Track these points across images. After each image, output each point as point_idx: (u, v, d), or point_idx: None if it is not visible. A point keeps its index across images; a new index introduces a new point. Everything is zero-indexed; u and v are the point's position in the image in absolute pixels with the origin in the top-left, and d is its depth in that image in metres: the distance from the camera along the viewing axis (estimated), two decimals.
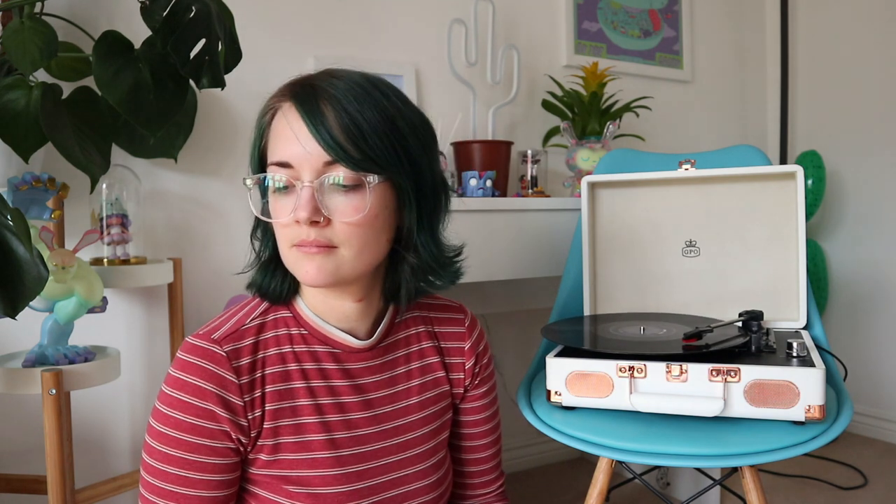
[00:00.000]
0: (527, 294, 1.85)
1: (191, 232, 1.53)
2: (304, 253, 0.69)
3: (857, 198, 2.36)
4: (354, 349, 0.78)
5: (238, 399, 0.70)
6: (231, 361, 0.70)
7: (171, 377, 0.70)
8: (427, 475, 0.80)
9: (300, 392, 0.74)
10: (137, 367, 1.49)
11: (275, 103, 0.72)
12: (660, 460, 0.91)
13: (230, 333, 0.73)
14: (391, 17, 1.79)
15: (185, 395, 0.69)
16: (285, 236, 0.70)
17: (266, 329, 0.75)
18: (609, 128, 1.73)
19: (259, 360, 0.73)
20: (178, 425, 0.69)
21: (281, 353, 0.74)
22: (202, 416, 0.69)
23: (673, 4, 2.32)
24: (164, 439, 0.69)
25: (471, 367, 0.87)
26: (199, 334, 0.72)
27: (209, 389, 0.69)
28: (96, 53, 1.14)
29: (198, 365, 0.70)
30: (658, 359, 0.94)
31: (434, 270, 0.78)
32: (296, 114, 0.68)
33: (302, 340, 0.76)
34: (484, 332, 0.91)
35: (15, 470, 1.35)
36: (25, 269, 0.91)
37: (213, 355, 0.70)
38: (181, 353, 0.71)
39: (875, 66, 2.30)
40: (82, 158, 1.17)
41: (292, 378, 0.74)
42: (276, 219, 0.70)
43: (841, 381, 1.10)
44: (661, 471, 1.83)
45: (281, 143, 0.69)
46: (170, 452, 0.69)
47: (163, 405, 0.70)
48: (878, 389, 2.32)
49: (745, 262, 1.22)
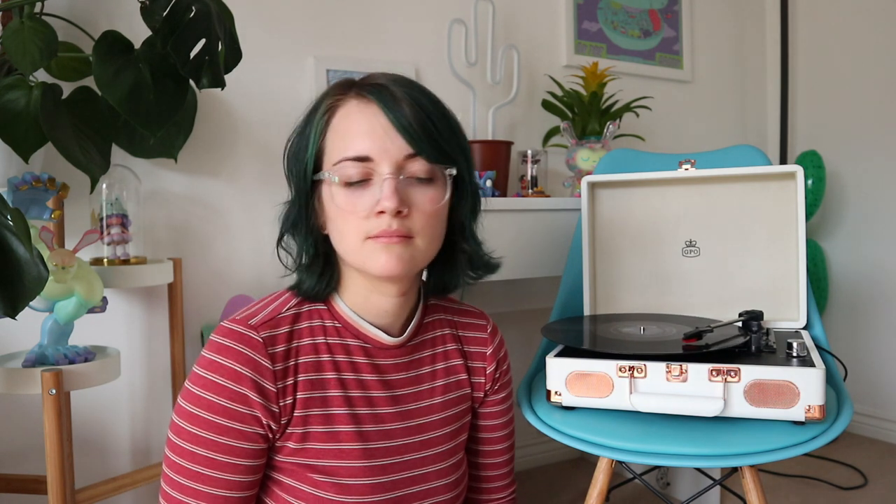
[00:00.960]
0: (527, 294, 1.85)
1: (191, 232, 1.53)
2: (383, 243, 0.70)
3: (857, 198, 2.36)
4: (385, 345, 0.79)
5: (272, 385, 0.71)
6: (267, 348, 0.71)
7: (206, 359, 0.71)
8: (446, 474, 0.81)
9: (331, 383, 0.75)
10: (137, 367, 1.49)
11: (334, 101, 0.74)
12: (660, 460, 0.91)
13: (267, 320, 0.74)
14: (391, 17, 1.79)
15: (220, 378, 0.69)
16: (359, 229, 0.71)
17: (301, 319, 0.76)
18: (609, 128, 1.73)
19: (293, 349, 0.74)
20: (211, 407, 0.69)
21: (314, 343, 0.75)
22: (235, 400, 0.69)
23: (673, 4, 2.32)
24: (194, 420, 0.69)
25: (492, 372, 0.88)
26: (237, 319, 0.73)
27: (244, 373, 0.70)
28: (96, 53, 1.14)
29: (234, 349, 0.70)
30: (658, 359, 0.94)
31: (480, 261, 0.83)
32: (374, 109, 0.71)
33: (335, 333, 0.77)
34: (504, 339, 0.93)
35: (15, 470, 1.35)
36: (25, 269, 0.91)
37: (250, 340, 0.71)
38: (216, 336, 0.72)
39: (875, 67, 2.30)
40: (82, 158, 1.17)
41: (324, 368, 0.75)
42: (355, 211, 0.71)
43: (841, 381, 1.10)
44: (661, 471, 1.83)
45: (356, 138, 0.71)
46: (199, 433, 0.69)
47: (195, 386, 0.70)
48: (878, 389, 2.32)
49: (745, 262, 1.22)
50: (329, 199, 0.73)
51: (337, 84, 0.76)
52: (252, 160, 1.58)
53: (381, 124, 0.71)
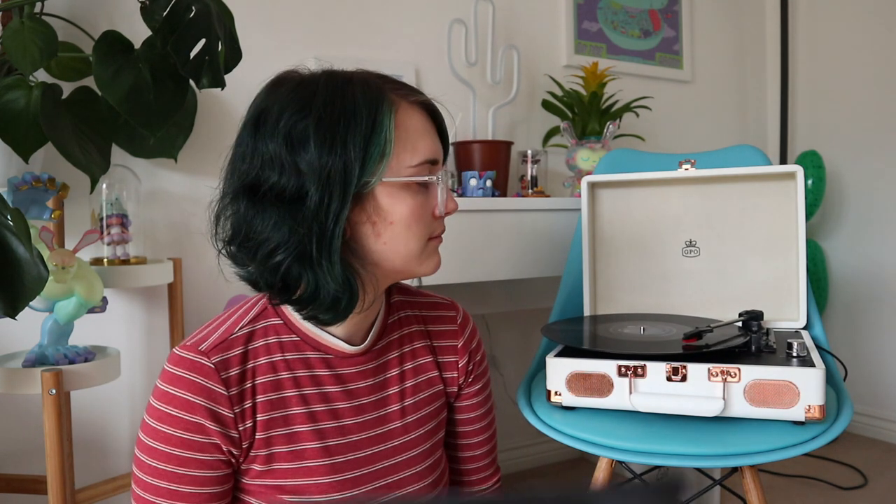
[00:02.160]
0: (527, 294, 1.85)
1: (191, 232, 1.53)
2: (437, 244, 0.76)
3: (857, 198, 2.36)
4: (347, 354, 0.76)
5: (228, 411, 0.68)
6: (220, 373, 0.69)
7: (159, 390, 0.69)
8: (423, 477, 0.80)
9: (292, 400, 0.72)
10: (137, 367, 1.49)
11: (395, 99, 0.71)
12: (660, 460, 0.91)
13: (218, 343, 0.70)
14: (391, 17, 1.79)
15: (174, 409, 0.68)
16: (426, 231, 0.73)
17: (256, 337, 0.73)
18: (609, 128, 1.73)
19: (249, 370, 0.71)
20: (168, 439, 0.68)
21: (272, 361, 0.73)
22: (191, 430, 0.67)
23: (673, 4, 2.32)
24: (153, 453, 0.68)
25: (464, 365, 0.86)
26: (187, 346, 0.70)
27: (198, 402, 0.67)
28: (96, 53, 1.14)
29: (185, 378, 0.68)
30: (658, 359, 0.94)
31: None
32: (423, 113, 0.74)
33: (294, 348, 0.74)
34: (476, 328, 0.90)
35: (15, 470, 1.35)
36: (25, 269, 0.91)
37: (201, 367, 0.68)
38: (168, 365, 0.70)
39: (875, 67, 2.30)
40: (82, 158, 1.17)
41: (284, 387, 0.72)
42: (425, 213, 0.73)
43: (841, 381, 1.10)
44: (661, 471, 1.83)
45: (427, 141, 0.73)
46: (159, 466, 0.68)
47: (151, 419, 0.69)
48: (878, 389, 2.32)
49: (745, 262, 1.22)
50: (397, 199, 0.69)
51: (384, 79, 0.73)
52: None
53: (434, 129, 0.75)
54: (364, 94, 0.69)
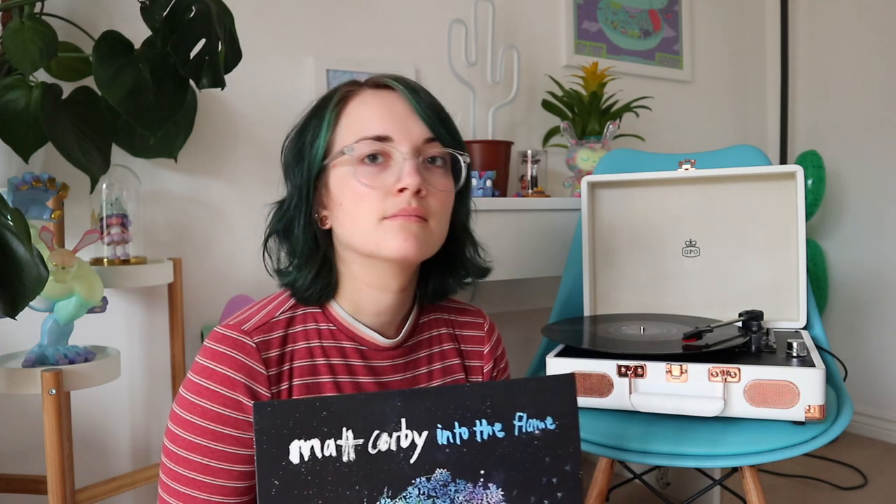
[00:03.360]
0: (527, 294, 1.85)
1: (191, 232, 1.53)
2: (401, 222, 0.70)
3: (857, 198, 2.36)
4: (381, 347, 0.79)
5: (266, 390, 0.71)
6: (261, 353, 0.71)
7: (200, 365, 0.71)
8: None
9: (326, 386, 0.75)
10: (137, 367, 1.49)
11: (347, 92, 0.75)
12: (660, 460, 0.91)
13: (261, 325, 0.73)
14: (391, 18, 1.79)
15: (213, 384, 0.69)
16: (376, 209, 0.71)
17: (296, 323, 0.76)
18: (609, 128, 1.73)
19: (288, 353, 0.74)
20: (205, 413, 0.69)
21: (309, 346, 0.75)
22: (229, 406, 0.69)
23: (673, 4, 2.32)
24: (189, 427, 0.69)
25: (489, 371, 0.88)
26: (230, 325, 0.73)
27: (238, 379, 0.70)
28: (96, 53, 1.14)
29: (227, 354, 0.70)
30: (658, 359, 0.94)
31: (476, 264, 0.84)
32: (394, 96, 0.73)
33: (330, 336, 0.77)
34: (502, 337, 0.92)
35: (15, 470, 1.35)
36: (25, 269, 0.91)
37: (243, 346, 0.71)
38: (210, 342, 0.72)
39: (875, 67, 2.30)
40: (82, 158, 1.17)
41: (319, 372, 0.75)
42: (373, 187, 0.71)
43: (841, 381, 1.10)
44: (661, 471, 1.83)
45: (375, 120, 0.72)
46: (194, 440, 0.69)
47: (189, 393, 0.70)
48: (878, 389, 2.32)
49: (745, 262, 1.22)
50: (341, 182, 0.72)
51: (350, 80, 0.78)
52: (252, 160, 1.58)
53: (401, 109, 0.73)
54: (324, 95, 0.77)
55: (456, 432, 0.65)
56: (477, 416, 0.65)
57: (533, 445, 0.66)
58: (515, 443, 0.66)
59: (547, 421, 0.67)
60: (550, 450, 0.67)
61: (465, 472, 0.65)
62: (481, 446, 0.65)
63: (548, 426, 0.67)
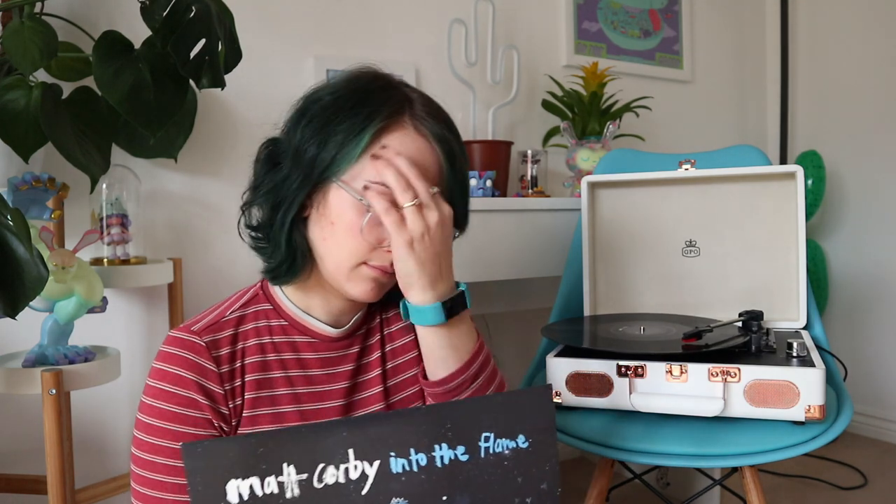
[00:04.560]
0: (527, 294, 1.85)
1: (191, 232, 1.53)
2: (377, 275, 0.72)
3: (857, 198, 2.36)
4: (333, 337, 0.79)
5: (218, 388, 0.72)
6: (210, 351, 0.72)
7: (154, 369, 0.72)
8: None
9: (278, 382, 0.76)
10: (137, 367, 1.49)
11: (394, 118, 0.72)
12: (660, 460, 0.91)
13: (210, 325, 0.75)
14: (391, 18, 1.79)
15: (167, 385, 0.71)
16: (359, 252, 0.71)
17: (246, 321, 0.77)
18: (609, 128, 1.73)
19: (238, 351, 0.75)
20: (162, 415, 0.70)
21: (261, 343, 0.76)
22: (184, 405, 0.70)
23: (673, 4, 2.32)
24: (150, 430, 0.70)
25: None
26: (180, 327, 0.75)
27: (189, 378, 0.71)
28: (96, 53, 1.14)
29: (178, 355, 0.72)
30: (658, 359, 0.94)
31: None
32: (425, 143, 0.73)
33: (281, 331, 0.78)
34: None
35: (15, 470, 1.35)
36: (25, 269, 0.91)
37: (192, 345, 0.72)
38: (163, 345, 0.73)
39: (875, 66, 2.30)
40: (82, 158, 1.17)
41: (271, 368, 0.76)
42: (365, 237, 0.71)
43: (841, 381, 1.10)
44: (661, 471, 1.83)
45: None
46: (155, 442, 0.70)
47: (147, 397, 0.72)
48: (878, 389, 2.32)
49: (745, 262, 1.22)
50: (343, 208, 0.71)
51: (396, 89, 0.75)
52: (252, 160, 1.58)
53: (424, 163, 0.71)
54: (371, 100, 0.73)
55: (412, 459, 0.59)
56: (435, 441, 0.60)
57: (503, 466, 0.61)
58: (482, 465, 0.61)
59: (518, 440, 0.62)
60: (523, 469, 0.62)
61: (425, 498, 0.60)
62: (442, 471, 0.60)
63: (519, 445, 0.62)
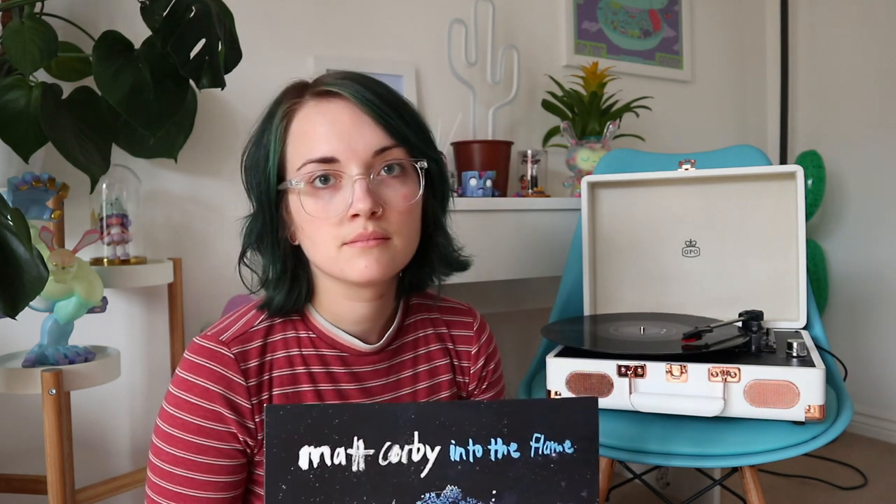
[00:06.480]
0: (527, 294, 1.85)
1: (191, 232, 1.53)
2: (360, 248, 0.68)
3: (857, 198, 2.36)
4: (363, 353, 0.77)
5: (245, 401, 0.70)
6: (239, 363, 0.70)
7: (179, 378, 0.70)
8: None
9: (307, 395, 0.73)
10: (137, 367, 1.49)
11: (291, 106, 0.71)
12: (660, 460, 0.91)
13: (239, 335, 0.72)
14: (391, 17, 1.79)
15: (192, 397, 0.69)
16: (333, 236, 0.68)
17: (275, 331, 0.75)
18: (609, 128, 1.73)
19: (267, 363, 0.72)
20: (185, 426, 0.68)
21: (289, 355, 0.74)
22: (209, 418, 0.68)
23: (673, 4, 2.32)
24: (171, 440, 0.69)
25: (477, 370, 0.86)
26: (208, 335, 0.72)
27: (216, 391, 0.69)
28: (96, 53, 1.14)
29: (205, 366, 0.69)
30: (658, 359, 0.94)
31: (451, 257, 0.80)
32: (338, 105, 0.69)
33: (310, 343, 0.75)
34: (493, 337, 0.90)
35: (15, 470, 1.35)
36: (25, 269, 0.91)
37: (221, 357, 0.70)
38: (189, 353, 0.71)
39: (875, 67, 2.30)
40: (82, 158, 1.17)
41: (300, 381, 0.73)
42: (327, 217, 0.68)
43: (841, 381, 1.10)
44: (661, 471, 1.83)
45: (319, 139, 0.68)
46: (177, 454, 0.69)
47: (170, 406, 0.70)
48: (878, 389, 2.32)
49: (745, 262, 1.22)
50: (298, 207, 0.70)
51: (290, 87, 0.73)
52: None
53: (347, 120, 0.68)
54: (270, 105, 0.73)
55: (469, 449, 0.63)
56: (492, 434, 0.64)
57: (549, 468, 0.65)
58: (531, 464, 0.64)
59: (565, 444, 0.65)
60: (567, 474, 0.65)
61: (477, 490, 0.63)
62: (495, 465, 0.64)
63: (565, 449, 0.65)
